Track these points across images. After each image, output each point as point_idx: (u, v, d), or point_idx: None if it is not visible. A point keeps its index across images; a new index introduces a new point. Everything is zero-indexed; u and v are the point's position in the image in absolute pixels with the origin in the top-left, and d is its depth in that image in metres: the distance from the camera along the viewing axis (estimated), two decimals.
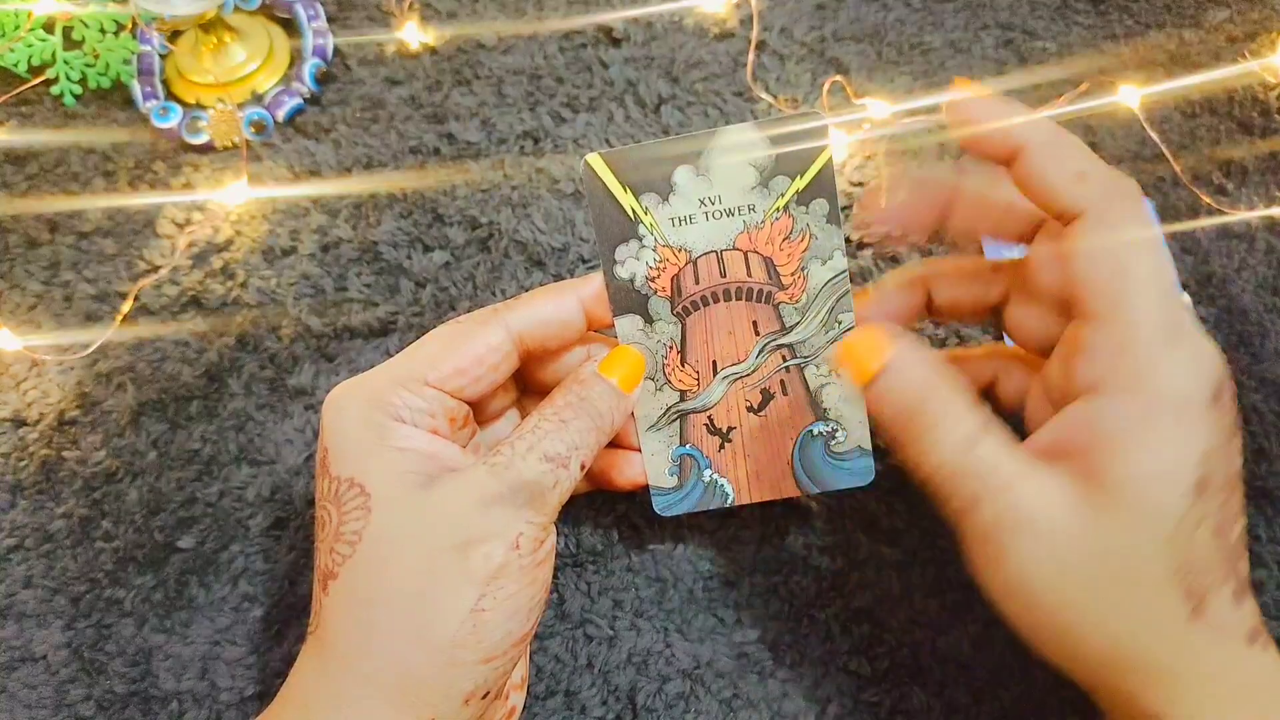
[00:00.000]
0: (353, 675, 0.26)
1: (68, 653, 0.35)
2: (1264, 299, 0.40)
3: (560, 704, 0.34)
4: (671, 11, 0.50)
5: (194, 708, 0.34)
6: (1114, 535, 0.25)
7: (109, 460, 0.39)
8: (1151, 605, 0.25)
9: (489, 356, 0.30)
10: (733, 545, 0.36)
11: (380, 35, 0.50)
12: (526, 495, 0.27)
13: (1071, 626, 0.25)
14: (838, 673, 0.34)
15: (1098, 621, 0.25)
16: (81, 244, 0.44)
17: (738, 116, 0.47)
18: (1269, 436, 0.37)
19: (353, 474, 0.27)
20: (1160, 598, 0.24)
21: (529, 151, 0.46)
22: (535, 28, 0.50)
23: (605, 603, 0.35)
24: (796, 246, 0.31)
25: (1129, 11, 0.49)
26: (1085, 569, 0.25)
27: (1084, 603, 0.25)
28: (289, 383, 0.40)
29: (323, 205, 0.45)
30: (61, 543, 0.37)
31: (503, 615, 0.26)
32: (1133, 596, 0.25)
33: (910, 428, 0.27)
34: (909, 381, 0.27)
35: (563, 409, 0.29)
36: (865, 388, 0.28)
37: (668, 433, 0.33)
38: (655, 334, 0.32)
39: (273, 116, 0.47)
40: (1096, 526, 0.25)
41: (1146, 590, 0.25)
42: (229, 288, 0.43)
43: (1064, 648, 0.26)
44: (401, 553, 0.26)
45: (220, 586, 0.36)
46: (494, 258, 0.43)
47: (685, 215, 0.31)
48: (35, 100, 0.49)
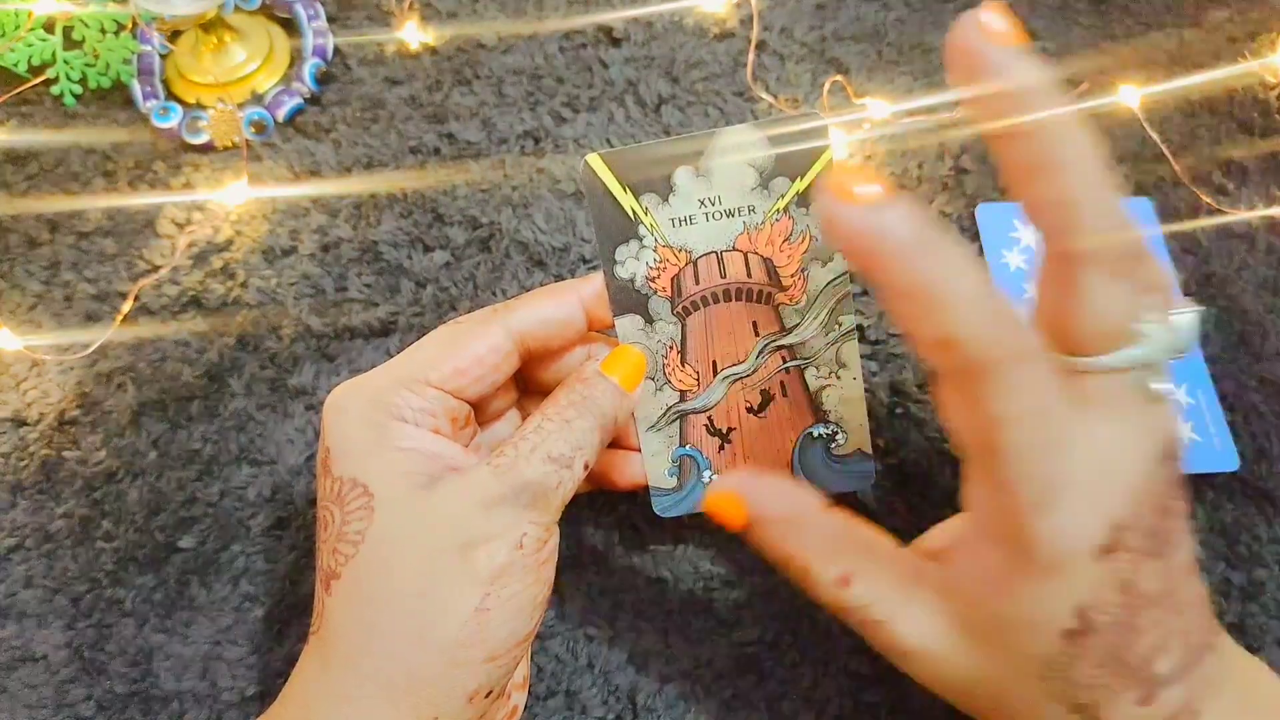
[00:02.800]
0: (355, 675, 0.26)
1: (68, 653, 0.35)
2: (1264, 299, 0.40)
3: (561, 704, 0.34)
4: (671, 11, 0.50)
5: (195, 708, 0.34)
6: (986, 668, 0.26)
7: (109, 460, 0.39)
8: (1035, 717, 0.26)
9: (490, 357, 0.30)
10: (733, 545, 0.36)
11: (380, 35, 0.50)
12: (530, 496, 0.27)
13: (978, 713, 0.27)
14: (838, 673, 0.34)
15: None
16: (81, 244, 0.44)
17: (738, 116, 0.47)
18: (1269, 437, 0.37)
19: (355, 474, 0.27)
20: (1041, 712, 0.25)
21: (529, 151, 0.46)
22: (535, 28, 0.50)
23: (605, 602, 0.35)
24: (796, 248, 0.31)
25: (1129, 11, 0.49)
26: (968, 690, 0.27)
27: (976, 709, 0.27)
28: (289, 383, 0.40)
29: (323, 205, 0.45)
30: (62, 543, 0.37)
31: (506, 615, 0.26)
32: (1015, 712, 0.26)
33: (791, 573, 0.28)
34: (770, 538, 0.29)
35: (566, 408, 0.29)
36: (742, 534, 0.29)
37: (668, 433, 0.33)
38: (655, 334, 0.32)
39: (273, 116, 0.47)
40: (970, 658, 0.26)
41: (1027, 709, 0.26)
42: (229, 288, 0.43)
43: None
44: (404, 553, 0.26)
45: (221, 586, 0.36)
46: (495, 258, 0.43)
47: (685, 216, 0.31)
48: (35, 100, 0.49)
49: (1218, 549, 0.36)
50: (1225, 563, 0.36)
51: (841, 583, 0.27)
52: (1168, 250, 0.41)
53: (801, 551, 0.28)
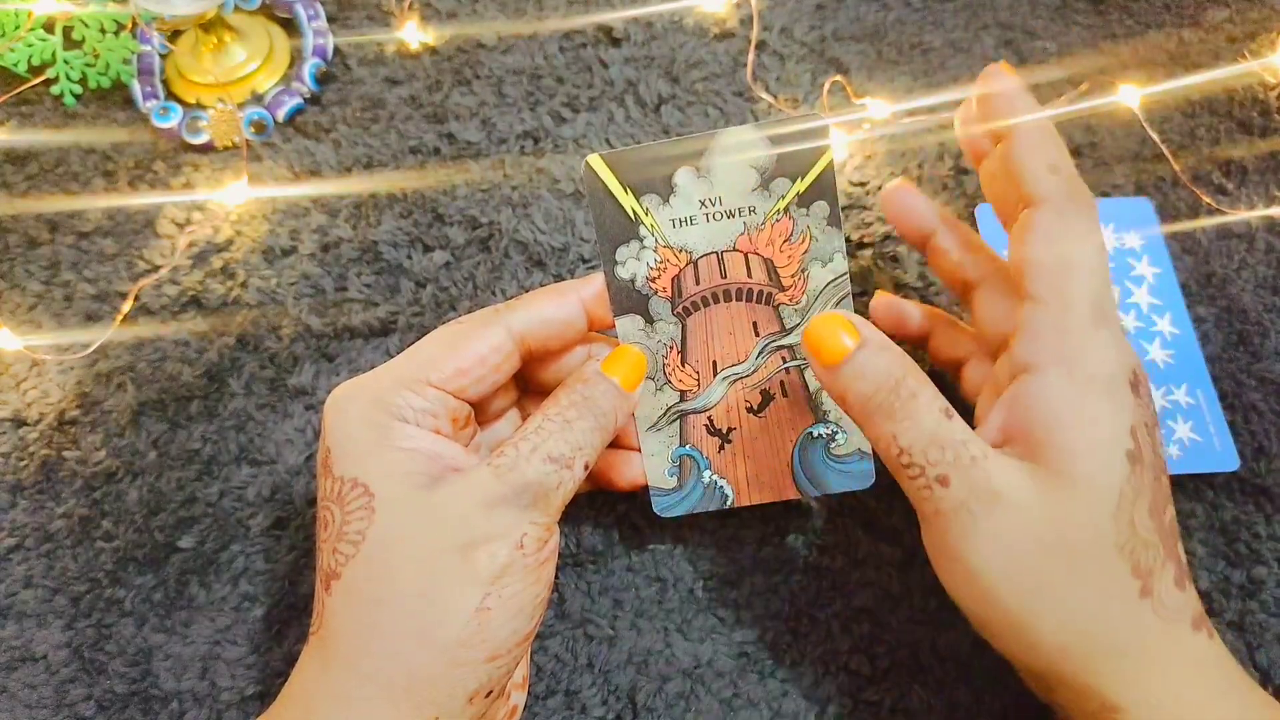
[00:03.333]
0: (356, 675, 0.26)
1: (68, 652, 0.35)
2: (1264, 299, 0.41)
3: (561, 703, 0.34)
4: (671, 11, 0.50)
5: (194, 708, 0.34)
6: (1064, 511, 0.26)
7: (109, 460, 0.39)
8: (1103, 583, 0.25)
9: (491, 357, 0.30)
10: (733, 545, 0.36)
11: (380, 35, 0.50)
12: (530, 496, 0.27)
13: (1028, 613, 0.26)
14: (838, 672, 0.34)
15: (1053, 605, 0.26)
16: (81, 244, 0.44)
17: (738, 116, 0.47)
18: (1269, 436, 0.37)
19: (356, 474, 0.27)
20: (1110, 575, 0.25)
21: (529, 151, 0.46)
22: (535, 28, 0.50)
23: (605, 602, 0.35)
24: (797, 249, 0.32)
25: (1129, 11, 0.49)
26: (1040, 551, 0.26)
27: (1040, 587, 0.26)
28: (289, 383, 0.40)
29: (323, 205, 0.45)
30: (62, 543, 0.37)
31: (507, 614, 0.26)
32: (1085, 575, 0.25)
33: (889, 401, 0.27)
34: (887, 358, 0.28)
35: (566, 409, 0.29)
36: (834, 368, 0.28)
37: (668, 433, 0.33)
38: (656, 334, 0.32)
39: (273, 116, 0.47)
40: (1048, 504, 0.26)
41: (1097, 567, 0.25)
42: (229, 288, 0.43)
43: (1021, 638, 0.26)
44: (405, 553, 0.26)
45: (220, 586, 0.36)
46: (494, 258, 0.43)
47: (686, 216, 0.31)
48: (35, 100, 0.49)
49: (1217, 547, 0.36)
50: (1225, 561, 0.36)
51: (946, 414, 0.27)
52: (1168, 250, 0.41)
53: (916, 377, 0.28)
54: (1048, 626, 0.26)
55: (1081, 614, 0.25)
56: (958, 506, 0.26)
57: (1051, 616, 0.26)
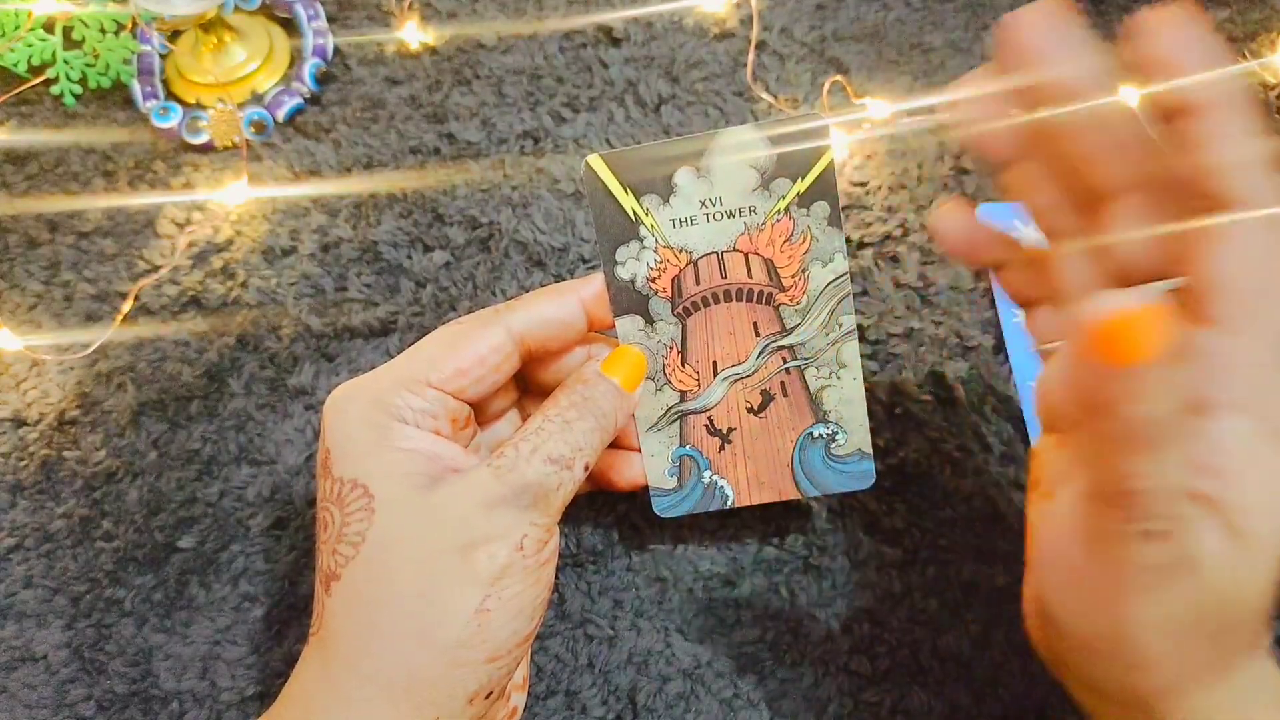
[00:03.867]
0: (355, 675, 0.26)
1: (68, 653, 0.35)
2: None
3: (561, 704, 0.34)
4: (671, 11, 0.50)
5: (194, 708, 0.34)
6: (1231, 577, 0.22)
7: (109, 460, 0.39)
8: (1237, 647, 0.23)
9: (490, 357, 0.30)
10: (733, 545, 0.36)
11: (380, 35, 0.50)
12: (531, 497, 0.27)
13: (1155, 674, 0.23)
14: (838, 673, 0.34)
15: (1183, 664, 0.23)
16: (81, 244, 0.44)
17: (738, 116, 0.47)
18: None
19: (355, 475, 0.27)
20: (1246, 640, 0.23)
21: (529, 151, 0.46)
22: (535, 28, 0.50)
23: (605, 603, 0.35)
24: (797, 249, 0.32)
25: (1129, 11, 0.49)
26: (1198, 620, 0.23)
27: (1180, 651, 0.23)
28: (289, 383, 0.40)
29: (323, 205, 0.45)
30: (61, 543, 0.37)
31: (507, 615, 0.26)
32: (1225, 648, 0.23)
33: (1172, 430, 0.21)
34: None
35: (566, 409, 0.29)
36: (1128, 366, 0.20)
37: (668, 433, 0.33)
38: (656, 334, 0.32)
39: (273, 116, 0.47)
40: (1218, 568, 0.22)
41: (1235, 640, 0.23)
42: (229, 288, 0.43)
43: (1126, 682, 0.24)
44: (405, 554, 0.26)
45: (220, 586, 0.36)
46: (494, 258, 0.43)
47: (686, 216, 0.31)
48: (35, 100, 0.49)
49: None
50: None
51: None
52: None
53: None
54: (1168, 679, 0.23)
55: (1209, 674, 0.23)
56: (1154, 567, 0.22)
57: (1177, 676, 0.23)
